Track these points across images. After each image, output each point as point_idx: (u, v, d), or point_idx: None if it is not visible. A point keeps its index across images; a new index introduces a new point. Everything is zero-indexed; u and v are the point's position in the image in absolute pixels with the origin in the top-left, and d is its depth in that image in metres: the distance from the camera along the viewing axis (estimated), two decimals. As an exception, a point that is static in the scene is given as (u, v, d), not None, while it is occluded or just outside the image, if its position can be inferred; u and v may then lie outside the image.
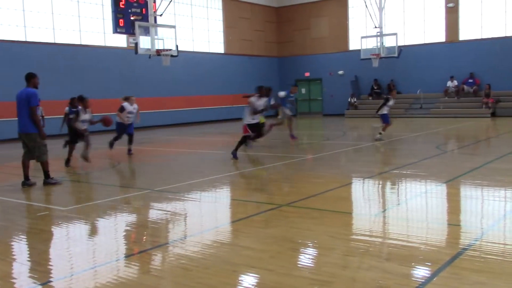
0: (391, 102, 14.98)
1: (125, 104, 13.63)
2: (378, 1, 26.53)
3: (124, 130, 13.78)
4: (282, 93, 15.85)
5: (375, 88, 29.07)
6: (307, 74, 31.80)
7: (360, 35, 27.35)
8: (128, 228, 6.47)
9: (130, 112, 13.71)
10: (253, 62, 30.74)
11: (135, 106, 13.90)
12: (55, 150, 13.53)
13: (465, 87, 26.16)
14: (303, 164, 11.59)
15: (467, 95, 26.05)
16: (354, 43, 29.57)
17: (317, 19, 31.32)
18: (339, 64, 30.36)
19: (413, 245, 5.09)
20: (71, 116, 12.47)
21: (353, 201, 7.81)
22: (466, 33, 26.73)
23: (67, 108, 14.34)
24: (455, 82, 26.55)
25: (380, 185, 8.75)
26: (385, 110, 14.95)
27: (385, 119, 14.93)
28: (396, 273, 4.25)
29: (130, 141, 13.81)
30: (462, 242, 5.24)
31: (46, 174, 9.21)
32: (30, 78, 8.91)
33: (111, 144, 13.87)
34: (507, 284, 3.98)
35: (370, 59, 26.02)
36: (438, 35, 27.50)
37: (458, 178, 8.71)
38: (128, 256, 5.16)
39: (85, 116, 11.74)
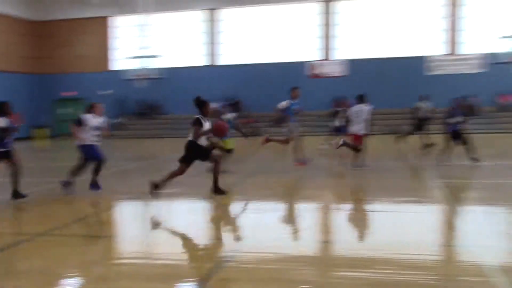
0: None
1: (87, 116, 9.30)
2: (142, 23, 26.83)
3: (91, 153, 9.31)
4: (283, 103, 12.11)
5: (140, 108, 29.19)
6: (72, 93, 30.20)
7: (125, 56, 27.23)
8: None
9: (95, 128, 9.32)
10: (4, 78, 27.75)
11: (103, 119, 9.61)
12: None
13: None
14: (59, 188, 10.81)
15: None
16: (119, 63, 29.29)
17: (80, 37, 30.14)
18: (105, 84, 29.54)
19: (176, 262, 5.16)
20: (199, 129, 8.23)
21: (114, 224, 7.60)
22: (225, 58, 28.84)
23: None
24: (217, 104, 28.25)
25: (143, 206, 8.65)
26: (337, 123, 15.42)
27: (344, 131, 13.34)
28: (159, 294, 4.23)
29: (97, 170, 9.43)
30: (223, 254, 5.51)
31: None
32: None
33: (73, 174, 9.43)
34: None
35: (135, 79, 26.07)
36: (199, 59, 29.06)
37: (220, 196, 9.16)
38: None
39: (209, 125, 8.37)
